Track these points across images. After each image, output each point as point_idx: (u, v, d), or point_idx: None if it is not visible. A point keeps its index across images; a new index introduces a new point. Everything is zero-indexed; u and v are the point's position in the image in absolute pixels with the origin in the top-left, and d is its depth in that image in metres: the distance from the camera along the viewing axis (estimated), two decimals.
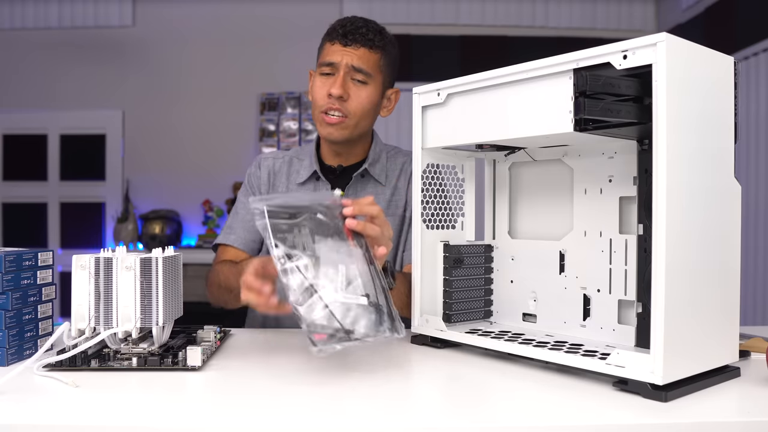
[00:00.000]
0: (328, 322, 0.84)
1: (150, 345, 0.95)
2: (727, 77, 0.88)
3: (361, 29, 1.34)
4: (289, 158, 1.50)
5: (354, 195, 1.40)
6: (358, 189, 1.42)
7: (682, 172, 0.80)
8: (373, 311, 0.89)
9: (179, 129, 4.20)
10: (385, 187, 1.44)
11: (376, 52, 1.36)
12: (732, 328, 0.89)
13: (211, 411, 0.76)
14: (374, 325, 0.88)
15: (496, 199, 1.19)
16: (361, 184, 1.43)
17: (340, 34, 1.34)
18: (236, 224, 1.46)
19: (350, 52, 1.33)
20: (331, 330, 0.84)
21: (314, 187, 1.44)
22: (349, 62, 1.33)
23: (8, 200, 4.25)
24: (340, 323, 0.85)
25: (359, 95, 1.35)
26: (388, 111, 1.46)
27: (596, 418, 0.74)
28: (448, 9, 4.23)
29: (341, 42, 1.34)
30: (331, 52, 1.35)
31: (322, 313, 0.85)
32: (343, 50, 1.34)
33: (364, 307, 0.88)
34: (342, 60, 1.33)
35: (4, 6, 4.15)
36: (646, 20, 4.29)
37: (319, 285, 0.87)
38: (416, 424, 0.72)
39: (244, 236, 1.43)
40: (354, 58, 1.33)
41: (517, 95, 0.93)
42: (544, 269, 1.08)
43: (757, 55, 3.20)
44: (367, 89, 1.35)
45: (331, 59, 1.34)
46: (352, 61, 1.33)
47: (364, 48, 1.34)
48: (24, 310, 0.98)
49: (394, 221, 1.42)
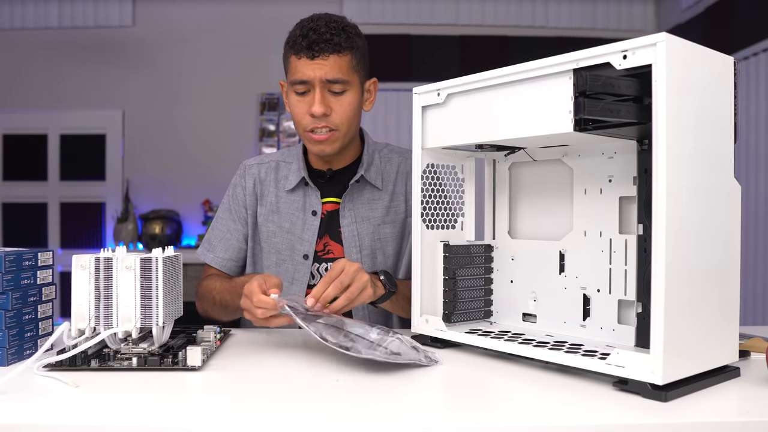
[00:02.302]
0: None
1: (150, 345, 0.95)
2: (727, 77, 0.88)
3: (324, 35, 1.25)
4: (275, 163, 1.45)
5: (350, 202, 1.38)
6: (354, 196, 1.38)
7: (682, 172, 0.80)
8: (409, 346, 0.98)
9: (179, 129, 4.20)
10: (383, 192, 1.40)
11: (345, 54, 1.27)
12: (732, 328, 0.89)
13: (211, 411, 0.76)
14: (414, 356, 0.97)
15: (496, 199, 1.19)
16: (357, 191, 1.39)
17: (304, 47, 1.25)
18: (215, 240, 1.44)
19: (320, 64, 1.25)
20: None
21: (303, 193, 1.40)
22: (322, 76, 1.25)
23: (8, 200, 4.25)
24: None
25: (341, 106, 1.29)
26: (371, 103, 1.39)
27: (596, 418, 0.74)
28: (448, 9, 4.24)
29: (307, 55, 1.25)
30: (300, 69, 1.27)
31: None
32: (311, 64, 1.25)
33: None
34: (314, 75, 1.26)
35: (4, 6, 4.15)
36: (646, 20, 4.29)
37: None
38: (416, 424, 0.72)
39: (222, 256, 1.42)
40: (326, 70, 1.25)
41: (517, 95, 0.93)
42: (544, 269, 1.08)
43: (757, 55, 3.20)
44: (347, 96, 1.29)
45: (302, 77, 1.26)
46: (325, 74, 1.25)
47: (333, 55, 1.26)
48: (24, 310, 0.98)
49: (393, 228, 1.40)
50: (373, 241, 1.37)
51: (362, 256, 1.36)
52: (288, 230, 1.39)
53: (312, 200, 1.39)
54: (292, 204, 1.40)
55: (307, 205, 1.39)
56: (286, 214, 1.40)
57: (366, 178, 1.38)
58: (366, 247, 1.37)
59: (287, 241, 1.38)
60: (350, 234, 1.36)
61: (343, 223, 1.37)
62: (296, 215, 1.39)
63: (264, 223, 1.41)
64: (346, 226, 1.37)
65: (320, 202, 1.38)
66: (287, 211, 1.40)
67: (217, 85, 4.19)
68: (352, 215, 1.37)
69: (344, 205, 1.37)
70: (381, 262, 1.38)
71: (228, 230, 1.43)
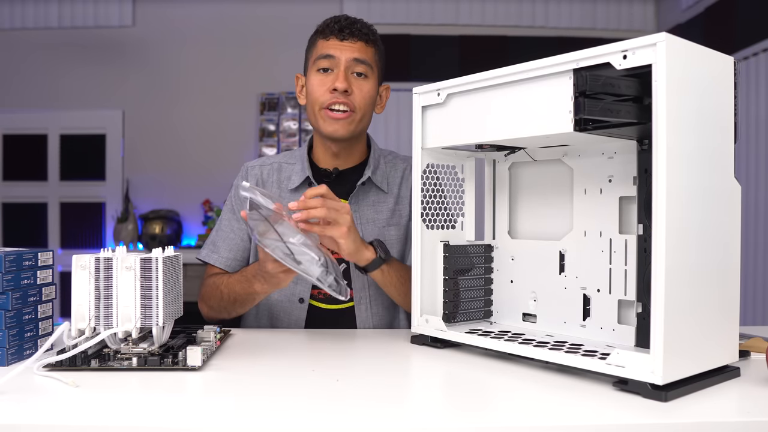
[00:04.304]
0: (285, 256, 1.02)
1: (150, 345, 0.95)
2: (727, 77, 0.88)
3: (355, 24, 1.35)
4: (278, 164, 1.46)
5: (356, 203, 1.38)
6: (360, 198, 1.40)
7: (682, 172, 0.80)
8: (323, 266, 1.02)
9: (179, 129, 4.20)
10: (388, 195, 1.42)
11: (371, 46, 1.36)
12: (732, 328, 0.89)
13: (211, 411, 0.76)
14: (321, 275, 1.02)
15: (496, 199, 1.19)
16: (362, 193, 1.40)
17: (336, 29, 1.33)
18: (219, 241, 1.43)
19: (348, 46, 1.33)
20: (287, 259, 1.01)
21: None
22: (349, 56, 1.32)
23: (8, 200, 4.25)
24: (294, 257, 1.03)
25: (362, 89, 1.34)
26: (381, 107, 1.44)
27: (596, 418, 0.74)
28: (448, 9, 4.23)
29: (338, 37, 1.33)
30: (327, 47, 1.33)
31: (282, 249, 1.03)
32: (340, 44, 1.33)
33: (314, 259, 1.03)
34: (341, 54, 1.32)
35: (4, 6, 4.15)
36: (646, 20, 4.29)
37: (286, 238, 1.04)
38: (416, 424, 0.72)
39: (226, 256, 1.41)
40: (353, 50, 1.33)
41: (517, 95, 0.93)
42: (544, 269, 1.08)
43: (757, 55, 3.20)
44: (368, 83, 1.35)
45: (329, 52, 1.33)
46: (352, 53, 1.33)
47: (361, 42, 1.34)
48: (24, 310, 0.98)
49: (398, 231, 1.40)
50: None
51: None
52: None
53: None
54: None
55: None
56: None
57: (372, 180, 1.40)
58: None
59: None
60: None
61: None
62: None
63: None
64: None
65: None
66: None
67: (217, 85, 4.19)
68: (357, 216, 1.38)
69: (350, 206, 1.37)
70: None
71: (232, 230, 1.43)
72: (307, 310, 1.37)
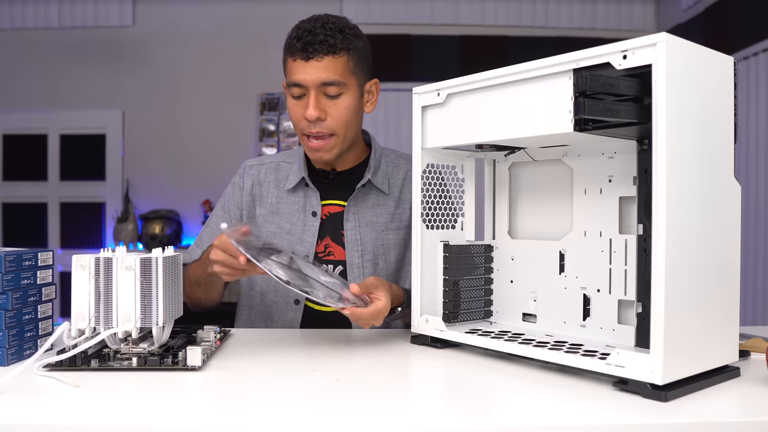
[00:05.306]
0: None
1: (150, 345, 0.95)
2: (727, 77, 0.88)
3: (318, 36, 1.24)
4: (276, 164, 1.44)
5: (355, 205, 1.37)
6: (359, 200, 1.38)
7: (682, 172, 0.80)
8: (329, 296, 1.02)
9: (179, 129, 4.20)
10: (388, 197, 1.40)
11: (341, 55, 1.25)
12: (732, 328, 0.89)
13: (211, 411, 0.76)
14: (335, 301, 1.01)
15: (496, 199, 1.19)
16: (362, 195, 1.38)
17: (298, 48, 1.24)
18: (205, 237, 1.42)
19: (314, 66, 1.24)
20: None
21: (304, 193, 1.39)
22: (316, 79, 1.24)
23: (8, 200, 4.25)
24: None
25: (337, 109, 1.27)
26: (372, 104, 1.37)
27: (596, 418, 0.74)
28: (448, 9, 4.24)
29: (302, 57, 1.24)
30: (295, 71, 1.26)
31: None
32: (306, 66, 1.24)
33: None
34: (308, 78, 1.24)
35: (4, 6, 4.15)
36: (646, 20, 4.29)
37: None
38: (416, 424, 0.72)
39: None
40: (320, 72, 1.24)
41: (517, 95, 0.93)
42: (544, 269, 1.08)
43: (757, 55, 3.20)
44: (344, 99, 1.27)
45: (296, 79, 1.25)
46: (319, 76, 1.24)
47: (327, 56, 1.24)
48: (24, 310, 0.98)
49: (397, 235, 1.38)
50: (376, 247, 1.37)
51: (363, 261, 1.35)
52: (288, 231, 1.38)
53: (312, 201, 1.38)
54: (293, 205, 1.39)
55: (307, 206, 1.38)
56: (286, 215, 1.39)
57: (373, 182, 1.38)
58: (368, 252, 1.36)
59: (287, 242, 1.37)
60: (353, 238, 1.36)
61: (346, 226, 1.36)
62: (296, 216, 1.38)
63: (264, 224, 1.41)
64: (350, 229, 1.36)
65: (320, 203, 1.38)
66: (287, 212, 1.39)
67: (217, 86, 4.20)
68: (356, 219, 1.37)
69: (349, 208, 1.37)
70: (382, 268, 1.37)
71: (219, 227, 1.42)
72: (302, 311, 1.36)
